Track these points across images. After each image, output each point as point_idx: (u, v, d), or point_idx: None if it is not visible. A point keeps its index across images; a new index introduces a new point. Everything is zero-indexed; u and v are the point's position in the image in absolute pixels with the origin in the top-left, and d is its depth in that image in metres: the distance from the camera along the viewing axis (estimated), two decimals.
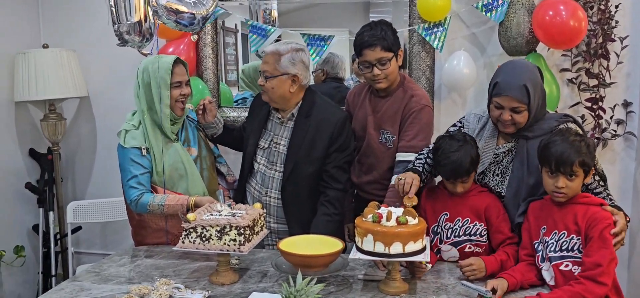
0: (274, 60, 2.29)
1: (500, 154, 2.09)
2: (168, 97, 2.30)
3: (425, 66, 2.89)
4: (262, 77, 2.33)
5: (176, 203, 2.23)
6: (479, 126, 2.17)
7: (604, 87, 2.73)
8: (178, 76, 2.33)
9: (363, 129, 2.41)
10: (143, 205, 2.25)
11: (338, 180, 2.33)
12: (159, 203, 2.24)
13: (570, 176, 1.78)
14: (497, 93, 1.99)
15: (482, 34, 2.88)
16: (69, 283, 1.99)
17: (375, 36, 2.23)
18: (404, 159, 2.25)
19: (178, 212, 2.19)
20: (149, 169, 2.31)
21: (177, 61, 2.35)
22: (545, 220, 1.88)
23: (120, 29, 2.64)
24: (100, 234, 3.52)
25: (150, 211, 2.26)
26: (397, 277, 1.86)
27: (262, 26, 2.98)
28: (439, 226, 2.11)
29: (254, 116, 2.49)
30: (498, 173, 2.09)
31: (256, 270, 2.08)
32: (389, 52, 2.25)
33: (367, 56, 2.26)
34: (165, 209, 2.24)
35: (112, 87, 3.36)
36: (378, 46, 2.23)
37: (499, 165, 2.10)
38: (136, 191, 2.26)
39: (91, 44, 3.31)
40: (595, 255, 1.71)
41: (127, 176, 2.29)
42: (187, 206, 2.21)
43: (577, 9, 2.45)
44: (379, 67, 2.26)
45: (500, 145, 2.10)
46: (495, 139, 2.11)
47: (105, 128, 3.43)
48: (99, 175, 3.48)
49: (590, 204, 1.80)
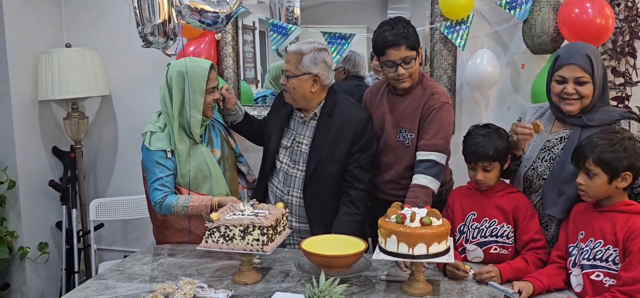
0: (296, 60, 2.28)
1: (553, 140, 2.04)
2: (202, 103, 2.30)
3: (446, 64, 2.86)
4: (283, 77, 2.32)
5: (200, 203, 2.24)
6: (536, 115, 2.13)
7: (630, 85, 2.67)
8: (212, 81, 2.34)
9: (380, 128, 2.39)
10: (167, 206, 2.27)
11: (360, 180, 2.31)
12: (183, 205, 2.26)
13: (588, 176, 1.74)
14: (559, 65, 1.96)
15: (506, 32, 2.84)
16: (94, 281, 2.01)
17: (398, 35, 2.20)
18: (425, 158, 2.23)
19: (202, 213, 2.20)
20: (173, 172, 2.32)
21: (212, 65, 2.36)
22: (584, 225, 1.81)
23: (144, 31, 2.67)
24: (121, 231, 3.55)
25: (174, 212, 2.28)
26: (420, 278, 1.85)
27: (282, 25, 2.98)
28: (465, 226, 2.09)
29: (276, 113, 2.48)
30: (547, 160, 2.04)
31: (278, 269, 2.08)
32: (413, 51, 2.23)
33: (391, 56, 2.23)
34: (190, 210, 2.25)
35: (133, 86, 3.39)
36: (403, 45, 2.20)
37: (550, 151, 2.03)
38: (160, 193, 2.28)
39: (113, 44, 3.34)
40: (634, 271, 1.63)
41: (152, 178, 2.30)
42: (210, 207, 2.22)
43: (604, 6, 2.40)
44: (404, 67, 2.23)
45: (553, 132, 2.05)
46: (550, 126, 2.06)
47: (126, 127, 3.46)
48: (120, 173, 3.51)
49: (633, 212, 1.72)
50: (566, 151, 1.96)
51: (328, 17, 3.23)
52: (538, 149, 2.06)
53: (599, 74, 1.92)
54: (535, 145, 2.07)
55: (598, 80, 1.92)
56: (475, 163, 2.04)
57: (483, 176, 2.03)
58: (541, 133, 2.05)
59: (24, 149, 3.19)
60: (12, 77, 3.08)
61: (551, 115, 2.08)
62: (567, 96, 1.94)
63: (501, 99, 2.90)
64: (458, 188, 2.21)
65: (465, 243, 2.08)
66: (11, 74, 3.07)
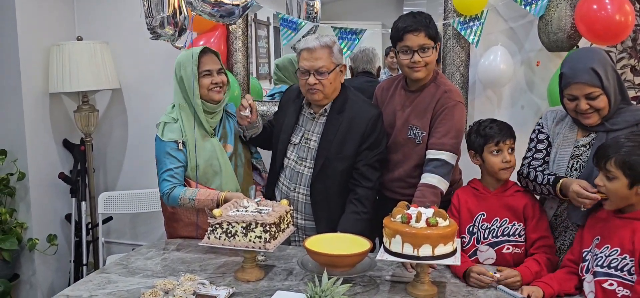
0: (327, 54, 2.22)
1: (580, 147, 1.95)
2: (197, 87, 2.29)
3: (459, 61, 2.80)
4: (314, 76, 2.22)
5: (206, 197, 2.23)
6: (555, 120, 2.05)
7: None
8: (206, 64, 2.32)
9: (390, 126, 2.34)
10: (174, 198, 2.26)
11: (369, 178, 2.27)
12: (189, 197, 2.24)
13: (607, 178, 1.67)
14: (565, 84, 1.89)
15: (521, 29, 2.77)
16: (97, 275, 2.00)
17: (420, 22, 2.17)
18: (435, 157, 2.18)
19: (208, 207, 2.17)
20: (183, 164, 2.31)
21: (204, 50, 2.34)
22: (601, 231, 1.74)
23: (152, 23, 2.65)
24: (130, 225, 3.56)
25: (181, 204, 2.26)
26: (426, 279, 1.80)
27: (293, 19, 2.94)
28: (475, 227, 2.04)
29: (284, 112, 2.44)
30: (577, 168, 1.94)
31: (282, 267, 2.05)
32: (431, 40, 2.18)
33: (408, 41, 2.18)
34: (196, 203, 2.24)
35: (144, 80, 3.38)
36: (422, 32, 2.16)
37: (579, 159, 1.94)
38: (169, 184, 2.27)
39: (124, 37, 3.34)
40: None
41: (162, 169, 2.30)
42: (217, 201, 2.19)
43: (624, 2, 2.31)
44: (420, 54, 2.18)
45: (579, 139, 1.96)
46: (575, 132, 1.97)
47: (136, 120, 3.46)
48: (130, 167, 3.52)
49: None
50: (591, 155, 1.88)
51: (343, 13, 3.20)
52: (568, 158, 1.96)
53: (611, 82, 1.84)
54: (563, 154, 1.98)
55: (611, 88, 1.84)
56: (502, 143, 2.02)
57: (510, 156, 2.02)
58: (565, 139, 1.98)
59: (35, 142, 3.20)
60: (24, 70, 3.09)
61: (572, 123, 1.99)
62: (582, 112, 1.88)
63: (515, 97, 2.83)
64: (462, 189, 2.16)
65: (477, 244, 2.03)
66: (23, 66, 3.09)
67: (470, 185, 2.14)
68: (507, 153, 2.02)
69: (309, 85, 2.23)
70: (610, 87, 1.84)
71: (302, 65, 2.24)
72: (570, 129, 1.99)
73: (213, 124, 2.37)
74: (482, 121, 2.11)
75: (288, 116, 2.39)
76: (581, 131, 1.96)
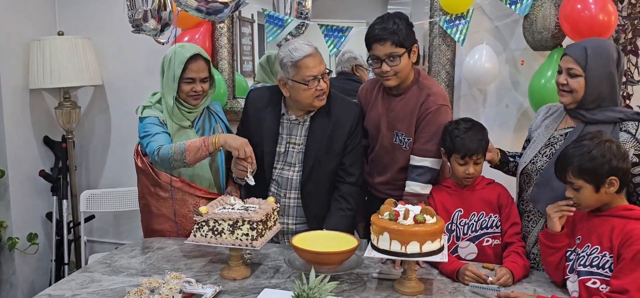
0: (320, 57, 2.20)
1: (557, 136, 1.99)
2: (175, 90, 2.26)
3: (445, 59, 2.81)
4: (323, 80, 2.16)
5: (196, 141, 2.16)
6: (547, 114, 2.10)
7: (632, 84, 2.62)
8: (191, 71, 2.26)
9: (376, 129, 2.31)
10: (165, 152, 2.18)
11: (352, 174, 2.27)
12: (180, 145, 2.17)
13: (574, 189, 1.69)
14: (562, 56, 1.95)
15: (506, 28, 2.79)
16: (80, 274, 1.96)
17: (386, 30, 2.11)
18: (419, 165, 2.18)
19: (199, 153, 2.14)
20: (168, 133, 2.28)
21: (195, 56, 2.27)
22: (582, 230, 1.76)
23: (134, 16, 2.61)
24: (112, 223, 3.51)
25: (172, 155, 2.16)
26: (413, 276, 1.80)
27: (278, 16, 2.92)
28: (453, 224, 2.06)
29: (258, 121, 2.30)
30: (547, 154, 1.99)
31: (268, 265, 2.04)
32: (399, 48, 2.12)
33: (376, 51, 2.14)
34: (187, 152, 2.15)
35: (127, 76, 3.34)
36: (388, 41, 2.11)
37: (552, 147, 1.99)
38: (157, 142, 2.22)
39: (107, 33, 3.29)
40: (625, 279, 1.57)
41: (148, 135, 2.25)
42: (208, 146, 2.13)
43: (607, 2, 2.34)
44: (389, 63, 2.14)
45: (560, 129, 2.00)
46: (558, 123, 2.02)
47: (119, 117, 3.41)
48: (113, 164, 3.47)
49: (631, 218, 1.65)
50: (564, 145, 1.91)
51: (327, 11, 3.18)
52: (541, 145, 2.01)
53: (596, 71, 1.85)
54: (538, 141, 2.03)
55: (595, 78, 1.85)
56: (468, 158, 2.02)
57: (474, 169, 2.03)
58: (547, 129, 2.03)
59: (14, 139, 3.13)
60: (3, 65, 3.03)
61: (561, 113, 2.04)
62: (561, 87, 1.93)
63: (500, 96, 2.85)
64: (436, 188, 2.16)
65: (457, 241, 2.04)
66: (1, 61, 3.02)
67: (443, 184, 2.15)
68: (472, 166, 2.03)
69: (321, 90, 2.16)
70: (594, 77, 1.85)
71: (312, 72, 2.13)
72: (555, 120, 2.03)
73: (190, 118, 2.34)
74: (458, 125, 2.07)
75: (266, 126, 2.28)
76: (566, 120, 2.00)
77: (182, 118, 2.31)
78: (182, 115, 2.31)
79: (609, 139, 1.68)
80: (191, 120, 2.34)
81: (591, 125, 1.88)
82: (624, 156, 1.66)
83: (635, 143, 1.83)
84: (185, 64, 2.25)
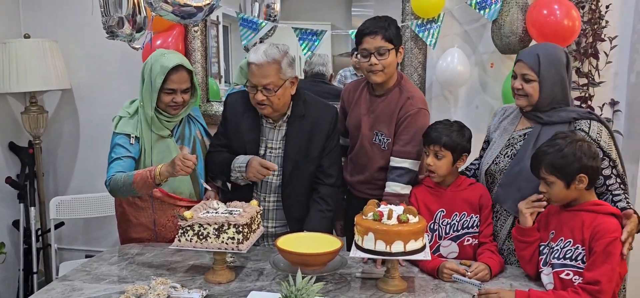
0: (275, 70, 2.14)
1: (516, 137, 2.09)
2: (154, 100, 2.23)
3: (417, 62, 2.89)
4: (262, 92, 2.14)
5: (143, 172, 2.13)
6: (504, 116, 2.19)
7: (593, 86, 2.77)
8: (173, 82, 2.22)
9: (357, 129, 2.37)
10: (115, 181, 2.16)
11: (331, 175, 2.30)
12: (127, 176, 2.14)
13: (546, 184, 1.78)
14: (515, 61, 2.05)
15: (475, 32, 2.89)
16: (59, 283, 1.92)
17: (377, 25, 2.20)
18: (398, 166, 2.24)
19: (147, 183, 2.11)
20: (133, 156, 2.25)
21: (178, 67, 2.23)
22: (555, 225, 1.85)
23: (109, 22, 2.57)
24: (82, 230, 3.44)
25: (120, 185, 2.15)
26: (396, 275, 1.85)
27: (253, 20, 2.93)
28: (436, 223, 2.11)
29: (238, 124, 2.30)
30: (510, 156, 2.08)
31: (252, 268, 2.05)
32: (389, 43, 2.20)
33: (366, 43, 2.22)
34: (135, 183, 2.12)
35: (96, 80, 3.28)
36: (379, 35, 2.19)
37: (513, 148, 2.08)
38: (112, 171, 2.20)
39: (75, 35, 3.22)
40: (596, 271, 1.67)
41: (110, 159, 2.24)
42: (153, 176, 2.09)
43: (571, 8, 2.46)
44: (377, 57, 2.21)
45: (518, 130, 2.10)
46: (515, 124, 2.12)
47: (88, 122, 3.35)
48: (82, 170, 3.40)
49: (600, 212, 1.75)
50: (524, 147, 2.03)
51: (294, 13, 3.19)
52: (502, 146, 2.11)
53: (549, 76, 1.95)
54: (498, 142, 2.12)
55: (548, 81, 1.95)
56: (428, 147, 2.09)
57: (433, 161, 2.06)
58: (505, 130, 2.12)
59: None
60: None
61: (518, 114, 2.14)
62: (516, 91, 2.04)
63: (470, 97, 2.95)
64: (417, 188, 2.21)
65: (439, 240, 2.11)
66: None
67: (424, 184, 2.20)
68: (432, 158, 2.07)
69: (257, 100, 2.18)
70: (547, 81, 1.96)
71: (250, 79, 2.17)
72: (512, 122, 2.13)
73: (170, 127, 2.32)
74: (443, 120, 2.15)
75: (247, 131, 2.29)
76: (523, 122, 2.10)
77: (162, 127, 2.28)
78: (161, 125, 2.28)
79: (581, 139, 1.79)
80: (170, 129, 2.32)
81: (547, 125, 1.99)
82: (594, 155, 1.76)
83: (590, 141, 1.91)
84: (167, 75, 2.20)
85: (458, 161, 2.08)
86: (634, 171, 2.70)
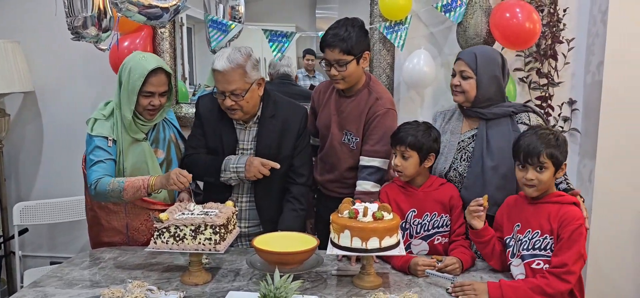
0: (239, 74, 2.14)
1: (465, 139, 2.21)
2: (134, 103, 2.20)
3: (385, 63, 2.95)
4: (229, 98, 2.16)
5: (136, 180, 2.12)
6: (445, 119, 2.31)
7: (552, 86, 2.89)
8: (151, 85, 2.20)
9: (326, 128, 2.42)
10: (103, 185, 2.14)
11: (302, 175, 2.33)
12: (118, 182, 2.13)
13: (539, 169, 1.85)
14: (455, 60, 2.23)
15: (441, 34, 2.97)
16: (31, 289, 1.88)
17: (337, 37, 2.22)
18: (369, 165, 2.29)
19: (138, 194, 2.11)
20: (114, 158, 2.22)
21: (157, 69, 2.20)
22: (518, 217, 1.94)
23: (74, 23, 2.52)
24: (47, 236, 3.35)
25: (109, 192, 2.13)
26: (371, 271, 1.89)
27: (222, 22, 2.93)
28: (407, 223, 2.16)
29: (214, 126, 2.31)
30: (465, 159, 2.20)
31: (228, 268, 2.06)
32: (347, 56, 2.23)
33: (327, 54, 2.27)
34: (125, 191, 2.11)
35: (60, 82, 3.21)
36: (337, 48, 2.23)
37: (465, 151, 2.20)
38: (97, 174, 2.16)
39: (38, 36, 3.14)
40: (563, 255, 1.77)
41: (91, 161, 2.19)
42: (147, 187, 2.10)
43: (532, 11, 2.57)
44: (337, 68, 2.26)
45: (465, 132, 2.22)
46: (460, 127, 2.24)
47: (52, 125, 3.27)
48: (46, 174, 3.31)
49: (563, 203, 1.85)
50: (478, 147, 2.15)
51: (259, 14, 3.21)
52: (454, 150, 2.22)
53: (485, 74, 2.13)
54: (450, 146, 2.23)
55: (484, 78, 2.13)
56: (395, 148, 2.14)
57: (400, 161, 2.11)
58: (452, 134, 2.24)
59: None
60: None
61: (459, 116, 2.27)
62: (454, 88, 2.20)
63: (436, 98, 3.03)
64: (389, 185, 2.25)
65: (410, 239, 2.16)
66: None
67: (396, 183, 2.24)
68: (399, 158, 2.12)
69: (226, 106, 2.19)
70: (483, 79, 2.13)
71: (217, 86, 2.18)
72: (456, 125, 2.26)
73: (144, 130, 2.30)
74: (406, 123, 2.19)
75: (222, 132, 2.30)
76: (466, 124, 2.24)
77: (137, 130, 2.25)
78: (137, 128, 2.25)
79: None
80: (145, 132, 2.29)
81: (491, 120, 2.15)
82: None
83: None
84: (146, 78, 2.18)
85: (425, 161, 2.13)
86: (591, 167, 2.84)
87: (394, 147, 2.14)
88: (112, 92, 2.33)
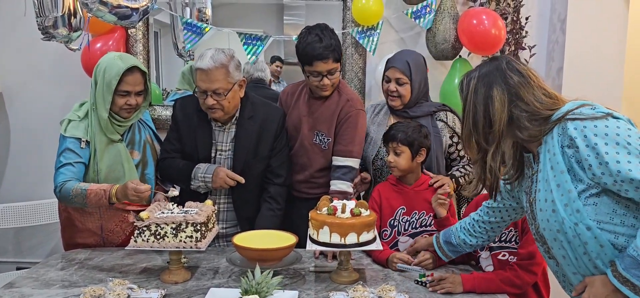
0: (222, 74, 2.17)
1: None
2: (109, 102, 2.19)
3: (357, 67, 3.03)
4: (211, 97, 2.18)
5: (98, 189, 2.10)
6: (374, 112, 2.51)
7: None
8: (127, 84, 2.20)
9: (296, 130, 2.46)
10: (67, 190, 2.11)
11: (280, 175, 2.37)
12: (81, 189, 2.10)
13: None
14: (387, 67, 2.41)
15: (410, 39, 3.08)
16: (6, 290, 1.85)
17: (328, 48, 2.27)
18: (342, 165, 2.35)
19: (100, 202, 2.09)
20: (84, 161, 2.21)
21: (132, 68, 2.20)
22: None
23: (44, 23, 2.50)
24: (13, 240, 3.27)
25: (72, 197, 2.11)
26: (349, 266, 1.95)
27: (197, 24, 2.94)
28: (396, 220, 2.23)
29: (191, 128, 2.33)
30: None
31: (207, 267, 2.08)
32: (338, 63, 2.33)
33: (318, 67, 2.29)
34: (88, 197, 2.09)
35: (28, 82, 3.15)
36: (330, 58, 2.28)
37: None
38: (63, 177, 2.14)
39: (5, 36, 3.08)
40: (530, 247, 1.88)
41: (59, 163, 2.17)
42: (108, 195, 2.08)
43: (497, 18, 2.70)
44: (329, 78, 2.33)
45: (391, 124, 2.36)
46: (386, 121, 2.43)
47: (19, 127, 3.20)
48: (13, 177, 3.24)
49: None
50: None
51: (228, 19, 3.23)
52: (379, 142, 2.39)
53: (417, 78, 2.35)
54: (376, 137, 2.42)
55: (416, 83, 2.35)
56: (387, 145, 2.23)
57: (393, 158, 2.19)
58: (379, 126, 2.43)
59: None
60: None
61: (386, 111, 2.48)
62: (390, 93, 2.38)
63: None
64: (382, 184, 2.33)
65: (398, 235, 2.23)
66: None
67: (389, 181, 2.30)
68: (392, 155, 2.20)
69: (208, 105, 2.21)
70: (416, 82, 2.35)
71: (199, 85, 2.19)
72: (383, 119, 2.45)
73: (121, 131, 2.29)
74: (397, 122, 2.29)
75: (198, 134, 2.32)
76: (392, 119, 2.41)
77: (113, 131, 2.24)
78: (113, 128, 2.24)
79: None
80: (121, 133, 2.29)
81: (415, 118, 2.35)
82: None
83: (449, 129, 2.39)
84: (122, 76, 2.17)
85: (417, 156, 2.19)
86: None
87: (386, 145, 2.24)
88: (82, 94, 2.32)
